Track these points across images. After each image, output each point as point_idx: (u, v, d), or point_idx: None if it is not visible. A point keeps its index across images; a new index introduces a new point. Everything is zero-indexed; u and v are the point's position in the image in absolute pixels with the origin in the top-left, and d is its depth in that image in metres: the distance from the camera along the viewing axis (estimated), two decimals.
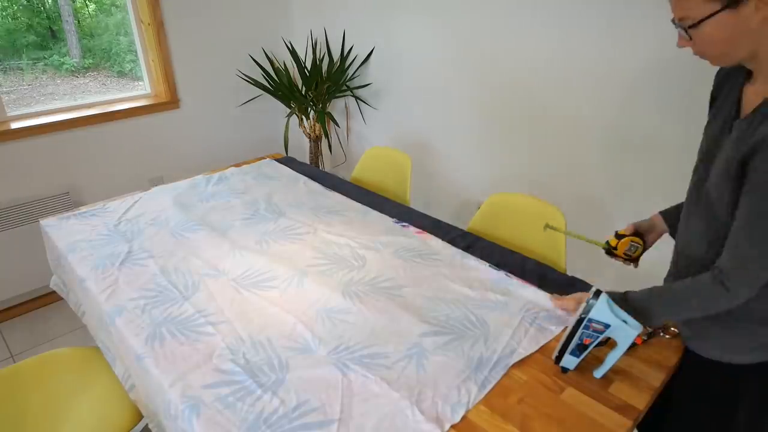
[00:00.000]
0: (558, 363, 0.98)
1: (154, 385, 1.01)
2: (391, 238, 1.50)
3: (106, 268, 1.36)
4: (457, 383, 0.96)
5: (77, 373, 1.33)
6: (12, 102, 2.21)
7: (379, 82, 2.74)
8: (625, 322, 0.90)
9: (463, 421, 0.89)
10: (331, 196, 1.82)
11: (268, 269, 1.35)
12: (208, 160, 2.77)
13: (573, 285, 1.28)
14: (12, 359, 2.08)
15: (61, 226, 1.59)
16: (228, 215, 1.66)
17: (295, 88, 2.74)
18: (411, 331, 1.10)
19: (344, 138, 3.12)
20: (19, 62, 2.26)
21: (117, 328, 1.15)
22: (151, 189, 1.87)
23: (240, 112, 2.92)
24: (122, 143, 2.49)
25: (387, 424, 0.88)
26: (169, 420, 0.97)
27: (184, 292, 1.25)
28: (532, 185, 2.12)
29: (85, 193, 2.40)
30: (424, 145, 2.59)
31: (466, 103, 2.34)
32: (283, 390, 0.95)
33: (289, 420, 0.88)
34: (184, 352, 1.05)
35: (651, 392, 0.96)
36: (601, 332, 0.92)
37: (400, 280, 1.30)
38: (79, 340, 2.16)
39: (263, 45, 2.87)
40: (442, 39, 2.32)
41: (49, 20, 2.32)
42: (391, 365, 1.01)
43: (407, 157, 2.00)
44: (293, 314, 1.16)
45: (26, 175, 2.21)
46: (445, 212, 2.46)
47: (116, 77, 2.59)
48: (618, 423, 0.89)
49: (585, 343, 0.94)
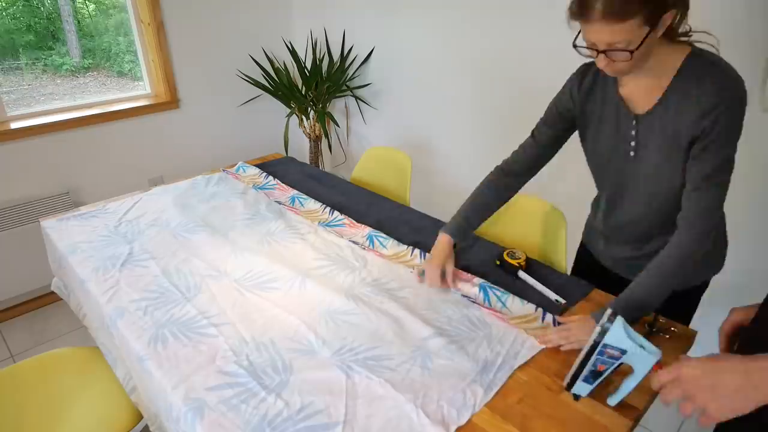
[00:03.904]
0: (569, 390, 0.94)
1: (156, 388, 1.01)
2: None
3: (107, 269, 1.35)
4: (463, 386, 0.96)
5: (77, 373, 1.33)
6: (12, 102, 2.21)
7: (379, 82, 2.74)
8: (642, 347, 0.85)
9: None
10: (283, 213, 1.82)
11: (270, 270, 1.34)
12: (208, 160, 2.77)
13: (573, 285, 1.28)
14: (12, 359, 2.08)
15: (61, 228, 1.59)
16: (229, 216, 1.66)
17: (295, 88, 2.74)
18: (414, 333, 1.10)
19: (344, 138, 3.12)
20: (19, 62, 2.26)
21: (118, 330, 1.15)
22: (151, 189, 1.87)
23: (240, 112, 2.92)
24: (122, 143, 2.48)
25: (392, 426, 0.87)
26: (171, 423, 0.97)
27: (186, 294, 1.25)
28: (532, 185, 2.12)
29: (85, 193, 2.40)
30: (424, 145, 2.59)
31: (466, 102, 2.34)
32: (287, 392, 0.95)
33: (294, 422, 0.88)
34: (186, 354, 1.05)
35: (651, 392, 0.96)
36: (618, 358, 0.86)
37: (402, 281, 1.30)
38: (79, 340, 2.16)
39: (263, 45, 2.87)
40: (442, 39, 2.32)
41: (49, 20, 2.31)
42: (396, 367, 1.01)
43: (407, 157, 2.01)
44: (296, 315, 1.16)
45: (26, 175, 2.21)
46: (445, 212, 2.46)
47: (116, 77, 2.59)
48: (618, 423, 0.90)
49: (599, 370, 0.89)
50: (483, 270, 1.34)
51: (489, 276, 1.31)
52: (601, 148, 1.13)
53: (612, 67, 0.95)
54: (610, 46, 0.90)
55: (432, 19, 2.33)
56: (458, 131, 2.43)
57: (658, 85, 0.99)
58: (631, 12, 0.85)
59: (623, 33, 0.87)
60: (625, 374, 0.90)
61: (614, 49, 0.90)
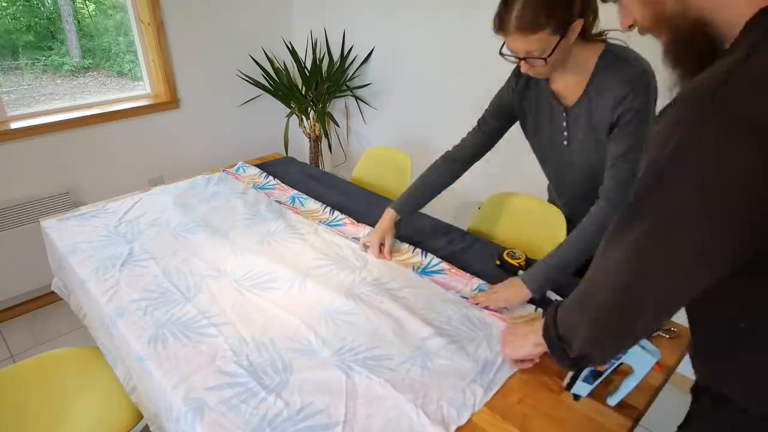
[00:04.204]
0: (569, 390, 0.94)
1: (156, 388, 1.01)
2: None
3: (107, 269, 1.35)
4: (462, 386, 0.96)
5: (77, 373, 1.33)
6: (12, 102, 2.21)
7: (379, 82, 2.74)
8: (642, 347, 0.86)
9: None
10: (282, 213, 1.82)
11: (270, 270, 1.35)
12: (208, 160, 2.77)
13: (573, 285, 1.28)
14: (12, 359, 2.08)
15: (61, 228, 1.59)
16: (229, 216, 1.66)
17: (295, 88, 2.74)
18: (414, 333, 1.10)
19: (344, 138, 3.12)
20: (19, 62, 2.26)
21: (118, 330, 1.15)
22: (151, 189, 1.87)
23: (240, 112, 2.92)
24: (122, 143, 2.48)
25: (392, 426, 0.88)
26: (171, 422, 0.97)
27: (186, 294, 1.25)
28: (532, 185, 2.12)
29: (85, 193, 2.40)
30: (424, 145, 2.59)
31: (466, 103, 2.34)
32: (287, 392, 0.95)
33: (294, 422, 0.88)
34: (186, 354, 1.05)
35: (651, 392, 0.96)
36: (618, 358, 0.88)
37: (401, 281, 1.30)
38: (79, 340, 2.16)
39: (263, 45, 2.87)
40: (442, 39, 2.33)
41: (49, 20, 2.31)
42: (395, 367, 1.01)
43: (407, 157, 2.01)
44: (296, 315, 1.16)
45: (26, 175, 2.21)
46: (445, 212, 2.46)
47: (116, 77, 2.59)
48: (618, 423, 0.90)
49: (599, 370, 0.90)
50: (483, 270, 1.35)
51: (489, 276, 1.31)
52: (541, 138, 1.28)
53: (532, 71, 1.09)
54: (527, 54, 1.03)
55: (432, 19, 2.33)
56: (458, 131, 2.42)
57: (581, 81, 1.11)
58: (540, 24, 0.97)
59: (536, 43, 1.00)
60: (625, 374, 0.91)
61: (531, 56, 1.03)
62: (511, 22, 0.99)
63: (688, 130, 0.50)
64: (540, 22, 0.97)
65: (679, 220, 0.53)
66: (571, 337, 0.73)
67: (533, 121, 1.27)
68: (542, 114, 1.24)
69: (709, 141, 0.48)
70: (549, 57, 1.01)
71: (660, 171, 0.53)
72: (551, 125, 1.23)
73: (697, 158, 0.49)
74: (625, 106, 1.03)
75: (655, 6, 0.58)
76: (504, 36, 1.04)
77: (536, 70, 1.08)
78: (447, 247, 1.48)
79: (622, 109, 1.04)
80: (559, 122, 1.20)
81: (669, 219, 0.54)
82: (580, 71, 1.10)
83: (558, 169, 1.31)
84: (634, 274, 0.59)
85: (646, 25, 0.61)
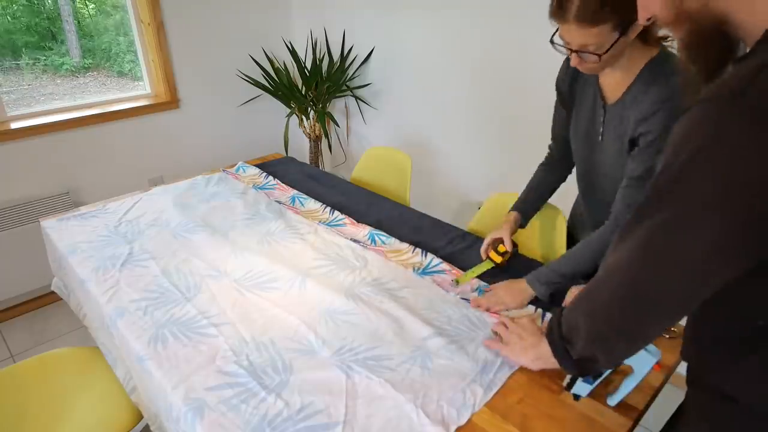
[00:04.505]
0: (569, 390, 0.94)
1: (157, 388, 1.01)
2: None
3: (107, 269, 1.35)
4: (462, 386, 0.96)
5: (77, 373, 1.33)
6: (12, 102, 2.21)
7: (379, 82, 2.74)
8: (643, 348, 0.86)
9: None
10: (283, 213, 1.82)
11: (270, 270, 1.35)
12: (208, 160, 2.77)
13: None
14: (12, 359, 2.08)
15: (61, 228, 1.59)
16: (229, 216, 1.66)
17: (295, 88, 2.74)
18: (414, 333, 1.10)
19: (344, 138, 3.12)
20: (19, 62, 2.26)
21: (118, 330, 1.15)
22: (151, 189, 1.87)
23: (240, 112, 2.92)
24: (122, 143, 2.48)
25: (392, 426, 0.88)
26: (171, 422, 0.97)
27: (186, 294, 1.25)
28: None
29: (85, 193, 2.40)
30: (424, 145, 2.60)
31: (466, 102, 2.35)
32: (287, 392, 0.95)
33: (294, 422, 0.88)
34: (186, 354, 1.05)
35: (651, 392, 0.96)
36: None
37: (401, 281, 1.30)
38: (79, 340, 2.16)
39: (263, 45, 2.87)
40: (442, 39, 2.33)
41: (49, 20, 2.32)
42: (395, 367, 1.01)
43: (407, 157, 2.01)
44: (296, 315, 1.16)
45: (26, 175, 2.21)
46: (445, 212, 2.46)
47: (116, 77, 2.59)
48: (618, 423, 0.90)
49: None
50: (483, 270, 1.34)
51: (489, 276, 1.31)
52: (579, 129, 1.21)
53: (582, 66, 1.02)
54: (581, 47, 0.96)
55: (432, 19, 2.33)
56: (458, 131, 2.43)
57: (624, 82, 1.05)
58: (602, 18, 0.90)
59: (594, 36, 0.92)
60: (625, 374, 0.91)
61: (585, 50, 0.96)
62: (571, 10, 0.91)
63: (713, 128, 0.50)
64: (603, 15, 0.89)
65: (696, 216, 0.53)
66: (573, 336, 0.73)
67: (577, 108, 1.21)
68: (585, 103, 1.18)
69: (733, 140, 0.49)
70: (604, 54, 0.94)
71: (680, 167, 0.53)
72: (591, 117, 1.17)
73: (720, 156, 0.49)
74: (649, 125, 0.98)
75: (676, 1, 0.58)
76: (560, 23, 0.96)
77: (586, 66, 1.01)
78: (447, 247, 1.48)
79: (644, 127, 0.99)
80: (597, 117, 1.14)
81: (686, 214, 0.54)
82: (627, 71, 1.04)
83: (589, 164, 1.24)
84: (643, 267, 0.59)
85: (666, 20, 0.61)
